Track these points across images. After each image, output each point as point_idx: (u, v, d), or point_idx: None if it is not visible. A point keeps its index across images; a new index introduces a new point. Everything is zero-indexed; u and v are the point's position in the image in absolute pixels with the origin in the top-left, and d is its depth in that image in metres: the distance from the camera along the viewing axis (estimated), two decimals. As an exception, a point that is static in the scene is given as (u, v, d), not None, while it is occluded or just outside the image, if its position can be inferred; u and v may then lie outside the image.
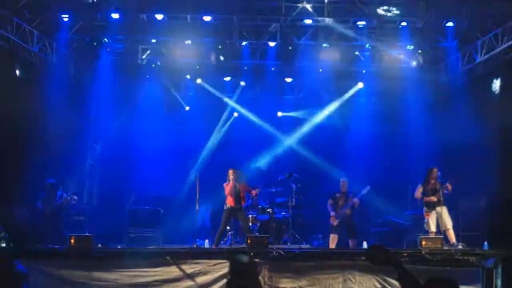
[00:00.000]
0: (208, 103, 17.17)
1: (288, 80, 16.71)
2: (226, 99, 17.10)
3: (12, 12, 12.77)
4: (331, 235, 13.07)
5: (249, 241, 10.85)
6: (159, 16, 13.58)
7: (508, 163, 12.41)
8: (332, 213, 13.09)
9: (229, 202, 12.60)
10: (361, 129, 16.44)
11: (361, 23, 13.86)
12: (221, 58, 15.08)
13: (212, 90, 16.89)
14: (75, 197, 14.40)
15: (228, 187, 12.60)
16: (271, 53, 15.22)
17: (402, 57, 14.98)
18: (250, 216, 14.02)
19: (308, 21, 13.85)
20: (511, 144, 12.65)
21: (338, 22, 13.72)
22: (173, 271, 10.43)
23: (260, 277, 4.64)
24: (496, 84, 13.22)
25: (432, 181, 12.54)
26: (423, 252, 10.44)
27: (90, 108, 16.12)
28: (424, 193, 12.58)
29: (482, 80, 14.03)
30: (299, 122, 17.07)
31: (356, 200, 13.02)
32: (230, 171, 12.66)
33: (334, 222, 13.02)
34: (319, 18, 13.63)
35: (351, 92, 16.61)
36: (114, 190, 16.11)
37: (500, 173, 12.68)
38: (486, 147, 13.42)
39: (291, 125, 17.11)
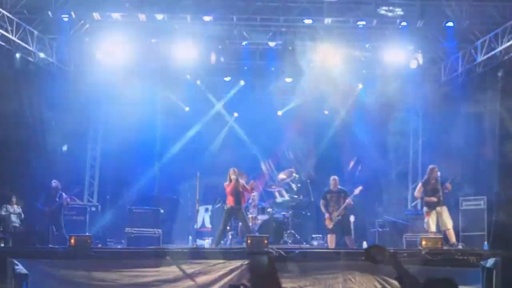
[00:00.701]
0: (209, 103, 17.19)
1: (288, 80, 16.70)
2: (218, 105, 17.10)
3: (12, 12, 12.77)
4: (329, 236, 13.03)
5: (249, 241, 10.85)
6: (159, 16, 13.57)
7: (508, 163, 12.41)
8: (326, 215, 13.03)
9: (230, 202, 12.61)
10: (361, 129, 16.44)
11: (361, 23, 13.86)
12: (221, 58, 15.08)
13: (210, 97, 16.93)
14: (75, 198, 14.44)
15: (229, 187, 12.61)
16: (271, 53, 15.22)
17: (402, 57, 14.97)
18: (250, 216, 14.02)
19: (308, 21, 13.85)
20: (511, 143, 12.64)
21: (338, 22, 13.75)
22: (173, 271, 10.43)
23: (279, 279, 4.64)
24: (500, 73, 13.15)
25: (433, 181, 12.54)
26: (423, 252, 10.44)
27: (90, 108, 16.11)
28: (424, 193, 12.59)
29: (482, 80, 14.02)
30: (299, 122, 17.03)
31: (349, 201, 12.99)
32: (231, 171, 12.67)
33: (330, 225, 12.97)
34: (319, 18, 13.64)
35: (353, 95, 16.63)
36: (114, 190, 16.11)
37: (500, 173, 12.68)
38: (486, 146, 13.42)
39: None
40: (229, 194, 12.63)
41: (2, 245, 11.08)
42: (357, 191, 13.03)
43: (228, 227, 13.25)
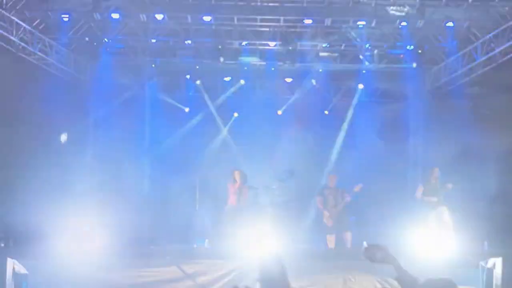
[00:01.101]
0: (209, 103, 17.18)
1: (288, 80, 16.70)
2: (218, 106, 17.07)
3: (12, 12, 12.77)
4: (328, 236, 12.89)
5: (249, 241, 10.87)
6: (159, 16, 13.58)
7: (508, 162, 12.43)
8: (325, 212, 12.95)
9: (232, 201, 12.64)
10: (360, 129, 16.43)
11: (361, 23, 13.86)
12: (221, 58, 15.08)
13: (210, 97, 16.92)
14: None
15: (233, 187, 12.64)
16: (271, 53, 15.22)
17: (402, 57, 14.97)
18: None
19: (308, 21, 13.85)
20: (511, 143, 12.65)
21: (338, 22, 13.75)
22: (173, 271, 10.45)
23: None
24: None
25: (433, 181, 12.55)
26: (422, 252, 10.44)
27: (89, 108, 16.10)
28: (425, 193, 12.58)
29: (482, 80, 14.02)
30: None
31: (348, 198, 12.97)
32: (236, 172, 12.71)
33: (329, 223, 12.90)
34: (319, 18, 13.64)
35: (356, 98, 16.68)
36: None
37: (500, 173, 12.69)
38: (486, 146, 13.42)
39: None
40: (232, 194, 12.66)
41: (2, 245, 11.08)
42: (357, 188, 13.00)
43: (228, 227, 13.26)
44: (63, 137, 15.55)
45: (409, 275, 4.22)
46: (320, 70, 15.85)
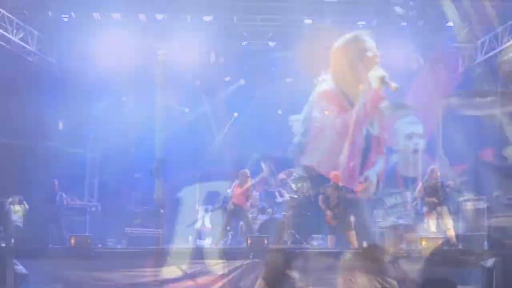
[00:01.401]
0: (208, 103, 17.17)
1: (288, 80, 16.68)
2: (218, 106, 17.07)
3: (12, 12, 12.79)
4: (329, 236, 12.93)
5: (249, 241, 10.87)
6: (159, 16, 13.58)
7: (508, 162, 12.42)
8: (328, 212, 12.90)
9: (240, 201, 12.72)
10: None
11: (361, 23, 13.86)
12: (221, 58, 15.07)
13: (210, 97, 16.91)
14: (75, 198, 14.44)
15: (242, 188, 12.72)
16: (271, 53, 15.22)
17: (402, 57, 14.97)
18: (250, 216, 14.03)
19: (308, 21, 13.85)
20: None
21: (338, 22, 13.75)
22: (173, 271, 10.45)
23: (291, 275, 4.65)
24: None
25: (433, 181, 12.55)
26: (423, 252, 10.44)
27: (90, 107, 16.11)
28: (425, 194, 12.59)
29: (482, 80, 14.02)
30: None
31: (351, 197, 12.93)
32: (246, 173, 12.84)
33: (332, 222, 12.87)
34: (319, 18, 13.65)
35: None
36: (115, 190, 16.10)
37: (499, 173, 12.68)
38: (486, 148, 13.42)
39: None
40: (240, 194, 12.73)
41: (3, 245, 11.09)
42: (359, 188, 12.94)
43: (228, 227, 13.28)
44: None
45: (409, 275, 4.23)
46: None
